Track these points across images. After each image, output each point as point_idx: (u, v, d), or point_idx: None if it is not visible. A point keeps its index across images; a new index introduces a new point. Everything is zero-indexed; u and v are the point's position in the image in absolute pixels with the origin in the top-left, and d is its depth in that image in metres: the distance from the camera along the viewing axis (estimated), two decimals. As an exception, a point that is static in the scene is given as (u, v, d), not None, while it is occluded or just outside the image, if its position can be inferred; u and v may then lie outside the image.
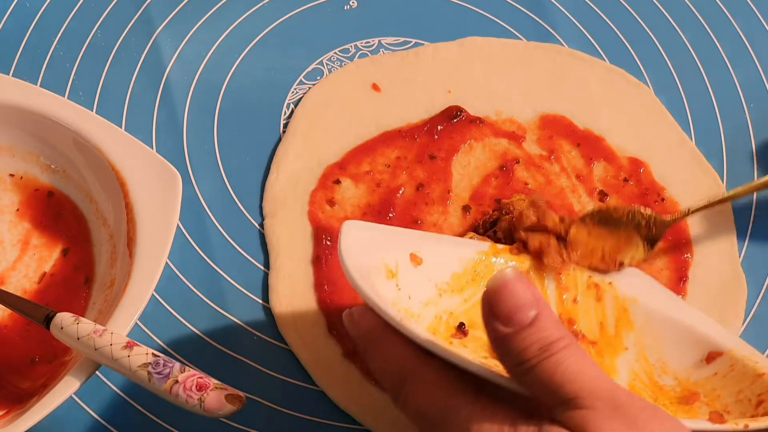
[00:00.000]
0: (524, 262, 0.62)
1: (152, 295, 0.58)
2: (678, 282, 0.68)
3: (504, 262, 0.62)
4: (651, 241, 0.65)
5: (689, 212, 0.66)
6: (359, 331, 0.53)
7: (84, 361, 0.55)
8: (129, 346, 0.54)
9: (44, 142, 0.65)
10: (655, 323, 0.62)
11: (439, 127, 0.72)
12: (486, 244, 0.62)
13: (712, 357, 0.60)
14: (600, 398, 0.44)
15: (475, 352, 0.58)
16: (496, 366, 0.50)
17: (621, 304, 0.62)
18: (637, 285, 0.64)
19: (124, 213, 0.61)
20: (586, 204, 0.70)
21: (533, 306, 0.46)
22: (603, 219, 0.64)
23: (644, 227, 0.64)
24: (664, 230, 0.65)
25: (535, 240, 0.63)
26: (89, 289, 0.64)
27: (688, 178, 0.72)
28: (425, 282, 0.58)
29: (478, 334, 0.59)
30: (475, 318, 0.60)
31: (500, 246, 0.62)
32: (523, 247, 0.63)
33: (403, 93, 0.74)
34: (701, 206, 0.66)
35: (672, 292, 0.65)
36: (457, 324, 0.59)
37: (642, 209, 0.65)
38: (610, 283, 0.63)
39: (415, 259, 0.58)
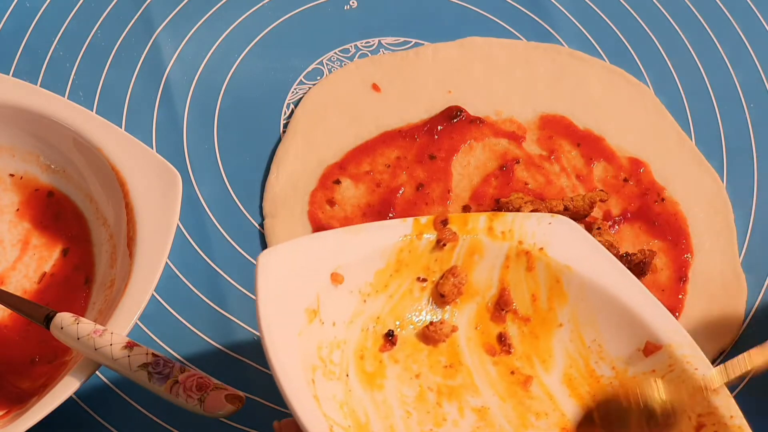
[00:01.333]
0: (449, 235, 0.59)
1: (152, 295, 0.58)
2: (678, 282, 0.68)
3: (428, 239, 0.58)
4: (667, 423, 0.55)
5: (711, 386, 0.54)
6: None
7: (84, 361, 0.55)
8: (129, 346, 0.54)
9: (44, 142, 0.65)
10: (590, 296, 0.58)
11: (439, 127, 0.72)
12: (408, 224, 0.58)
13: (649, 349, 0.56)
14: None
15: (407, 368, 0.57)
16: None
17: (554, 274, 0.59)
18: (570, 248, 0.59)
19: (124, 213, 0.61)
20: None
21: None
22: (610, 413, 0.56)
23: (660, 414, 0.54)
24: (683, 413, 0.54)
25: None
26: (89, 289, 0.64)
27: (688, 178, 0.72)
28: (348, 296, 0.56)
29: (406, 334, 0.58)
30: (402, 313, 0.58)
31: (423, 220, 0.58)
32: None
33: (403, 93, 0.74)
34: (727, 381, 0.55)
35: (611, 256, 0.60)
36: (385, 332, 0.58)
37: (656, 388, 0.55)
38: (541, 249, 0.59)
39: (337, 278, 0.55)
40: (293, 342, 0.52)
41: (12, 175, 0.67)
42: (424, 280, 0.59)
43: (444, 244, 0.59)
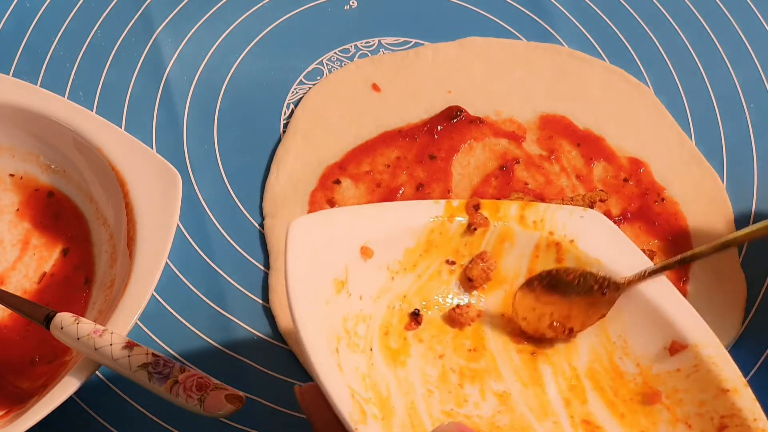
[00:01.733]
0: (480, 220, 0.59)
1: (152, 295, 0.58)
2: (678, 282, 0.68)
3: (460, 223, 0.58)
4: (605, 303, 0.58)
5: (646, 274, 0.58)
6: (311, 419, 0.51)
7: (84, 361, 0.55)
8: (129, 346, 0.54)
9: (44, 142, 0.65)
10: None
11: (439, 127, 0.72)
12: (440, 205, 0.58)
13: (675, 348, 0.57)
14: None
15: (431, 348, 0.57)
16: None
17: (582, 267, 0.59)
18: (601, 242, 0.59)
19: (124, 213, 0.61)
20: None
21: None
22: (553, 283, 0.59)
23: (597, 290, 0.58)
24: (618, 294, 0.58)
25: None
26: (89, 289, 0.64)
27: (688, 178, 0.72)
28: (376, 271, 0.56)
29: (432, 315, 0.58)
30: (429, 294, 0.59)
31: (455, 203, 0.59)
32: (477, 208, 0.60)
33: (403, 93, 0.74)
34: (660, 267, 0.58)
35: (641, 252, 0.60)
36: (411, 311, 0.58)
37: (595, 272, 0.58)
38: (571, 241, 0.59)
39: (366, 252, 0.55)
40: (320, 310, 0.52)
41: (12, 175, 0.67)
42: (453, 263, 0.59)
43: (475, 229, 0.59)
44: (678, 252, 0.69)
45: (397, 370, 0.55)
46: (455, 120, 0.72)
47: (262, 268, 0.68)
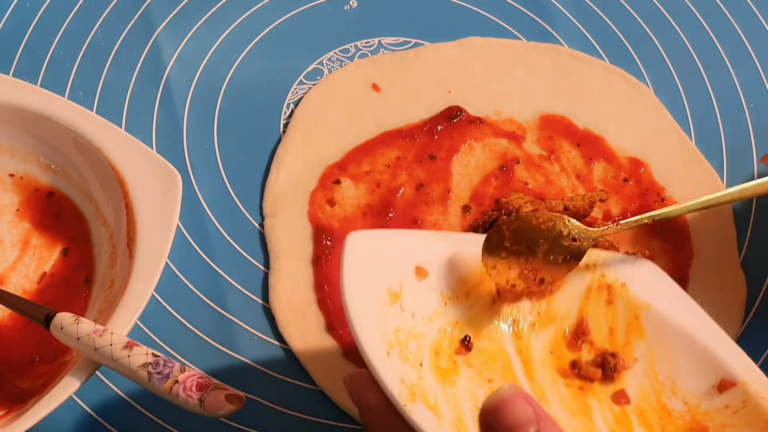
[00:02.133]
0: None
1: (152, 295, 0.58)
2: (678, 282, 0.68)
3: None
4: (575, 254, 0.59)
5: (617, 224, 0.61)
6: (360, 404, 0.51)
7: (84, 361, 0.55)
8: (129, 346, 0.54)
9: (44, 142, 0.65)
10: (668, 334, 0.59)
11: (439, 127, 0.72)
12: None
13: (724, 386, 0.57)
14: None
15: (480, 374, 0.57)
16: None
17: (633, 310, 0.60)
18: (652, 288, 0.61)
19: (124, 213, 0.61)
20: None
21: (532, 423, 0.45)
22: (521, 228, 0.59)
23: (567, 238, 0.59)
24: (589, 243, 0.59)
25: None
26: (89, 289, 0.64)
27: (688, 178, 0.72)
28: (430, 294, 0.57)
29: (484, 344, 0.59)
30: (480, 325, 0.59)
31: None
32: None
33: (403, 93, 0.74)
34: (634, 220, 0.61)
35: (690, 298, 0.61)
36: (462, 337, 0.58)
37: (566, 220, 0.59)
38: (623, 284, 0.61)
39: (421, 272, 0.57)
40: (372, 308, 0.53)
41: (12, 175, 0.67)
42: None
43: None
44: (678, 252, 0.69)
45: (446, 387, 0.56)
46: (455, 120, 0.72)
47: (262, 268, 0.68)
